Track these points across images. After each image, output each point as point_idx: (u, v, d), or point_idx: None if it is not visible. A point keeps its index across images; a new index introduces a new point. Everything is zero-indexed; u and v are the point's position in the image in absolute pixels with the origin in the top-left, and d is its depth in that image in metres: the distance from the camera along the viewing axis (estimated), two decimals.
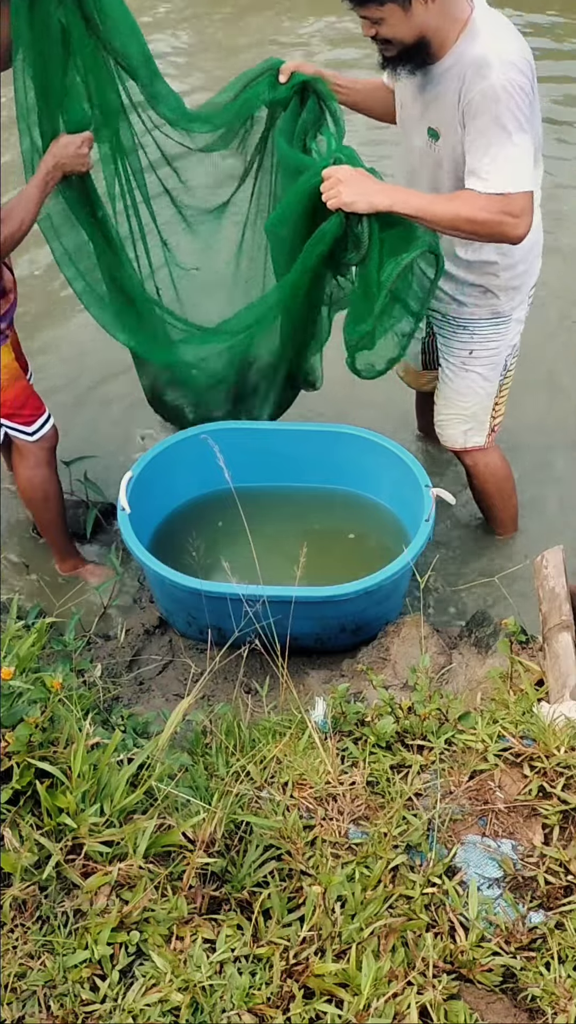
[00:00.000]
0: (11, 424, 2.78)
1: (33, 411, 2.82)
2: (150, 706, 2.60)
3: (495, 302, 2.67)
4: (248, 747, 2.02)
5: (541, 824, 1.84)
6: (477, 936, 1.62)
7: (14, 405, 2.76)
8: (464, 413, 2.87)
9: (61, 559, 3.14)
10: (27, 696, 1.84)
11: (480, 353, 2.76)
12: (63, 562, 3.14)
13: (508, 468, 3.07)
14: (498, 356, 2.78)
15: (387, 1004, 1.49)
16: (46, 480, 2.93)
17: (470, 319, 2.71)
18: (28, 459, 2.87)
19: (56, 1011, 1.49)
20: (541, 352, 3.78)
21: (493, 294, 2.65)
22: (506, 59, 2.24)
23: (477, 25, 2.30)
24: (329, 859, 1.72)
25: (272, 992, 1.51)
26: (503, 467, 3.04)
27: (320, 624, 2.69)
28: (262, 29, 6.72)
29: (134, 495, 2.76)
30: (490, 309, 2.69)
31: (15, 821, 1.69)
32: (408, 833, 1.78)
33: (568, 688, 2.08)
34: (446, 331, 2.79)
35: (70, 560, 3.14)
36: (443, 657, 2.62)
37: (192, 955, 1.55)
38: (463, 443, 2.93)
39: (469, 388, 2.82)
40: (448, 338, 2.80)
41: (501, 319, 2.71)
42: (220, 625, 2.58)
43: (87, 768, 1.73)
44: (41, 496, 2.96)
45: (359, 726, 2.05)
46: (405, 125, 2.56)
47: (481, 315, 2.70)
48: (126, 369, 3.26)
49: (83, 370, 3.97)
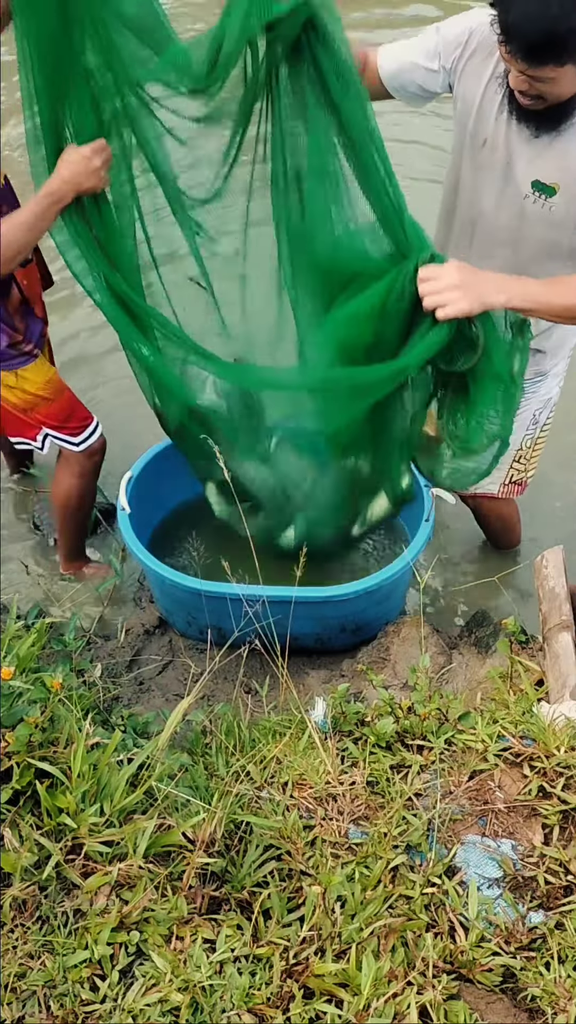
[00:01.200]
0: (57, 435, 2.80)
1: (80, 422, 2.83)
2: (150, 706, 2.60)
3: (542, 362, 2.50)
4: (248, 747, 2.02)
5: (541, 824, 1.84)
6: (477, 936, 1.62)
7: (60, 417, 2.77)
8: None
9: (67, 560, 3.17)
10: (27, 696, 1.84)
11: None
12: (68, 563, 3.17)
13: (515, 513, 2.99)
14: (524, 414, 2.56)
15: (387, 1004, 1.49)
16: (85, 490, 2.95)
17: None
18: (73, 467, 2.89)
19: (56, 1011, 1.49)
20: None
21: (542, 354, 2.48)
22: None
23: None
24: (329, 859, 1.72)
25: (272, 992, 1.51)
26: (509, 514, 2.97)
27: (320, 624, 2.69)
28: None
29: (134, 495, 2.76)
30: (535, 370, 2.49)
31: (15, 821, 1.69)
32: (408, 833, 1.78)
33: (568, 688, 2.08)
34: None
35: (76, 562, 3.18)
36: (443, 657, 2.62)
37: (192, 955, 1.55)
38: (471, 488, 2.67)
39: None
40: None
41: (539, 379, 2.55)
42: (220, 625, 2.58)
43: (87, 768, 1.73)
44: (76, 505, 2.99)
45: (359, 726, 2.05)
46: (489, 169, 2.22)
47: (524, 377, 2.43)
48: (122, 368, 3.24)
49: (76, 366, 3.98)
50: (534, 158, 2.14)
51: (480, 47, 2.15)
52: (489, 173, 2.22)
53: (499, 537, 3.14)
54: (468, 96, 2.19)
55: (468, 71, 2.18)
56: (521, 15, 1.86)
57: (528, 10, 1.85)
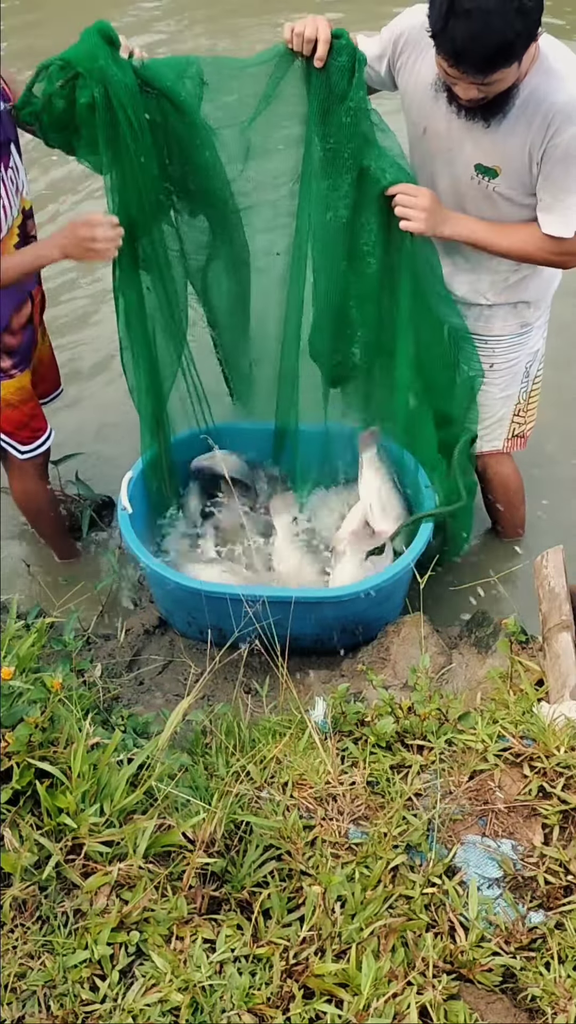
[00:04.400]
0: (7, 439, 2.80)
1: (33, 432, 2.83)
2: (150, 706, 2.60)
3: (525, 314, 2.64)
4: (248, 747, 2.02)
5: (541, 824, 1.83)
6: (477, 936, 1.62)
7: (16, 423, 2.78)
8: (482, 423, 2.82)
9: (60, 556, 3.23)
10: (27, 696, 1.84)
11: (499, 366, 2.72)
12: (62, 559, 3.23)
13: (519, 480, 3.05)
14: (517, 367, 2.74)
15: (387, 1004, 1.49)
16: (37, 492, 3.00)
17: (493, 336, 2.67)
18: (19, 472, 2.92)
19: (56, 1011, 1.49)
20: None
21: (525, 305, 2.62)
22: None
23: (549, 60, 2.16)
24: (329, 859, 1.72)
25: (272, 992, 1.51)
26: (514, 479, 3.03)
27: (320, 624, 2.69)
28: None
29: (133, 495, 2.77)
30: (519, 322, 2.65)
31: (15, 821, 1.69)
32: (408, 833, 1.78)
33: (568, 688, 2.08)
34: None
35: (68, 559, 3.22)
36: (443, 657, 2.62)
37: (192, 955, 1.55)
38: (479, 447, 2.86)
39: (487, 400, 2.77)
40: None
41: (525, 330, 2.68)
42: (220, 625, 2.58)
43: (87, 768, 1.73)
44: (35, 508, 3.05)
45: (359, 726, 2.05)
46: (435, 154, 2.39)
47: (509, 330, 2.67)
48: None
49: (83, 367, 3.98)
50: (475, 144, 2.29)
51: (408, 45, 2.31)
52: (436, 158, 2.40)
53: (505, 515, 3.15)
54: (407, 90, 2.37)
55: (404, 68, 2.35)
56: (468, 38, 1.97)
57: (473, 31, 1.96)
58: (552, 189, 2.28)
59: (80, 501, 3.28)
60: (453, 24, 1.96)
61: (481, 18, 1.93)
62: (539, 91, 2.16)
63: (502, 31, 1.95)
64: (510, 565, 2.95)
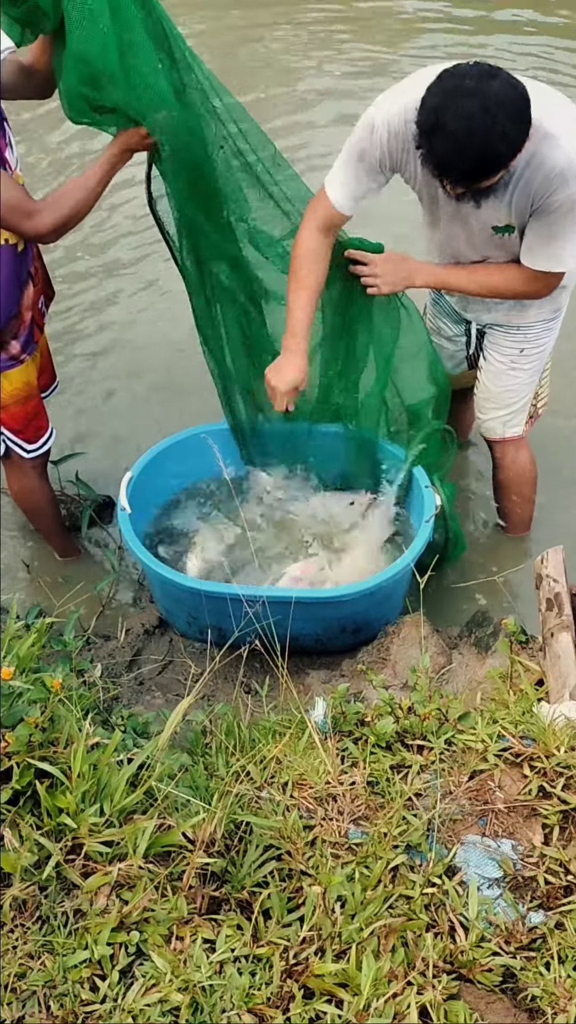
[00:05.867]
0: (12, 438, 2.80)
1: (37, 430, 2.84)
2: (150, 706, 2.60)
3: (559, 298, 2.65)
4: (248, 747, 2.02)
5: (541, 824, 1.84)
6: (477, 936, 1.62)
7: (22, 421, 2.78)
8: (508, 409, 2.87)
9: (60, 555, 3.23)
10: (27, 696, 1.84)
11: (530, 351, 2.74)
12: (63, 557, 3.22)
13: (535, 469, 3.06)
14: (545, 352, 2.78)
15: (387, 1004, 1.49)
16: (38, 490, 3.00)
17: (533, 322, 2.69)
18: (20, 470, 2.92)
19: (56, 1011, 1.49)
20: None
21: (561, 288, 2.60)
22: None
23: (545, 126, 2.14)
24: (329, 859, 1.72)
25: (272, 992, 1.51)
26: (530, 467, 3.05)
27: (320, 625, 2.69)
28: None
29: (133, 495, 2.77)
30: (552, 307, 2.67)
31: (15, 821, 1.69)
32: (408, 833, 1.78)
33: (568, 688, 2.08)
34: (499, 334, 2.76)
35: (68, 557, 3.22)
36: (443, 657, 2.62)
37: (192, 955, 1.55)
38: (502, 433, 2.92)
39: (516, 384, 2.81)
40: (502, 342, 2.77)
41: (556, 315, 2.71)
42: (220, 625, 2.58)
43: (87, 768, 1.73)
44: (34, 505, 3.05)
45: (359, 726, 2.05)
46: (451, 217, 2.45)
47: (543, 316, 2.69)
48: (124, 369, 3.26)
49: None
50: (486, 210, 2.33)
51: (392, 136, 2.30)
52: (451, 222, 2.47)
53: (516, 506, 3.16)
54: (406, 173, 2.41)
55: (398, 159, 2.35)
56: (450, 150, 2.03)
57: (457, 142, 2.00)
58: (538, 235, 2.35)
59: (80, 501, 3.29)
60: (436, 141, 2.02)
61: (464, 139, 1.99)
62: (539, 156, 2.18)
63: (484, 141, 2.00)
64: (510, 565, 2.95)
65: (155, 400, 3.77)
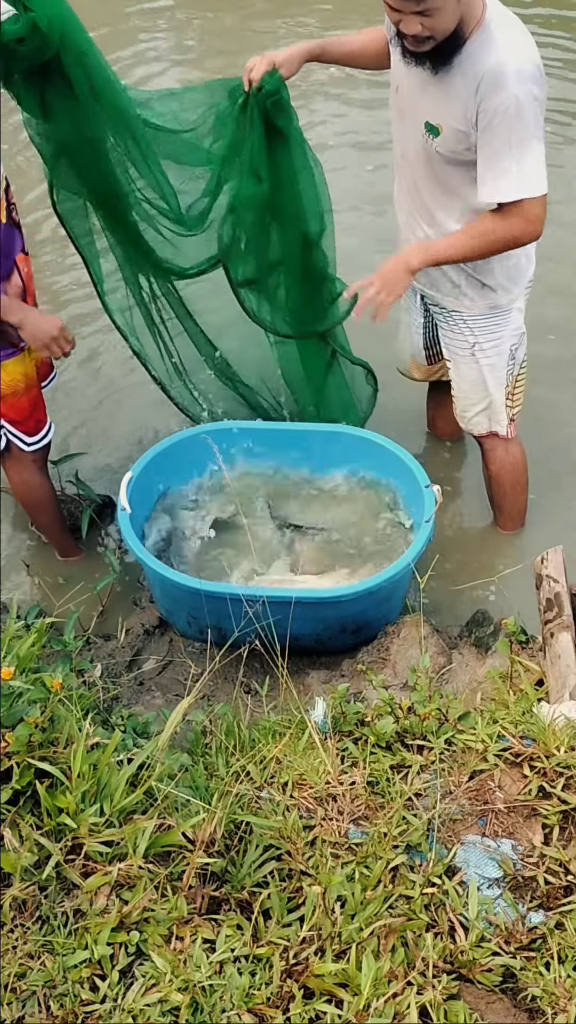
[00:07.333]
0: (13, 430, 2.80)
1: (37, 422, 2.84)
2: (150, 706, 2.60)
3: (492, 296, 2.70)
4: (248, 747, 2.02)
5: (541, 824, 1.84)
6: (477, 936, 1.62)
7: (23, 412, 2.77)
8: (483, 403, 2.91)
9: (61, 554, 3.21)
10: (27, 696, 1.84)
11: (484, 346, 2.79)
12: (63, 557, 3.21)
13: (525, 463, 3.10)
14: (502, 345, 2.80)
15: (387, 1004, 1.49)
16: (38, 484, 2.99)
17: (469, 315, 2.74)
18: (20, 464, 2.91)
19: (56, 1011, 1.49)
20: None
21: (490, 288, 2.67)
22: (523, 71, 2.22)
23: (491, 27, 2.24)
24: (329, 859, 1.72)
25: (272, 992, 1.51)
26: (521, 460, 3.08)
27: (320, 625, 2.69)
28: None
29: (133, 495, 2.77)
30: (487, 304, 2.72)
31: (15, 821, 1.69)
32: (408, 833, 1.78)
33: (568, 688, 2.08)
34: (447, 325, 2.83)
35: (69, 557, 3.21)
36: (443, 657, 2.62)
37: (192, 955, 1.55)
38: (487, 427, 2.96)
39: (481, 379, 2.85)
40: (450, 334, 2.84)
41: (500, 312, 2.74)
42: (220, 625, 2.58)
43: (87, 768, 1.73)
44: (35, 499, 3.03)
45: (359, 726, 2.05)
46: (400, 110, 2.53)
47: (479, 311, 2.73)
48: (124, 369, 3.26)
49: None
50: (426, 100, 2.39)
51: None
52: (403, 116, 2.52)
53: (508, 500, 3.17)
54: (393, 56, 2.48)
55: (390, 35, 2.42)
56: None
57: None
58: (484, 158, 2.33)
59: (80, 501, 3.28)
60: None
61: None
62: (475, 56, 2.24)
63: None
64: (510, 565, 2.95)
65: (155, 400, 3.76)
